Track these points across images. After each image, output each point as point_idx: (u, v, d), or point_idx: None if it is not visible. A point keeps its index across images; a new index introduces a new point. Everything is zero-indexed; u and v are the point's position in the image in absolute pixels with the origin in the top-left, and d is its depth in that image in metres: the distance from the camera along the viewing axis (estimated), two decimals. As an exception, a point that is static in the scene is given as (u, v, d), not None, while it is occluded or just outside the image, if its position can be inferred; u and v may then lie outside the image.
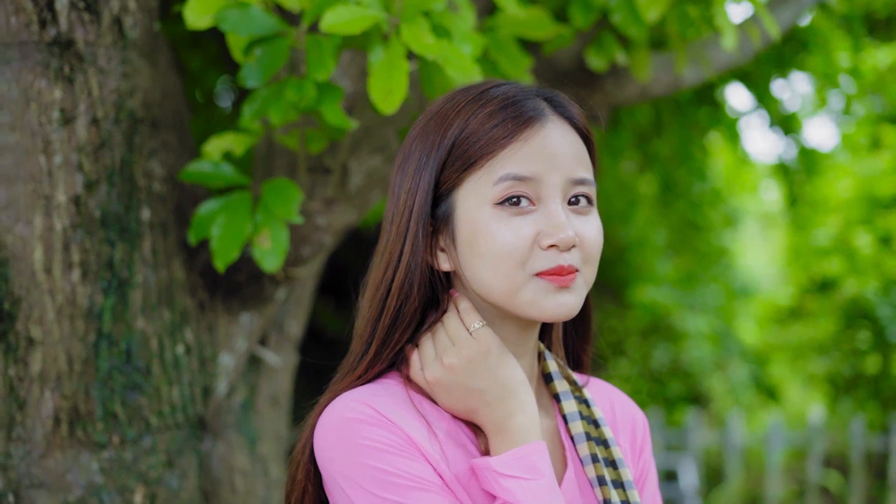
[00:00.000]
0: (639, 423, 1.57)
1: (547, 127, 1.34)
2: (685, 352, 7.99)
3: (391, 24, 1.80)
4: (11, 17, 1.82)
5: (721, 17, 2.24)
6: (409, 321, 1.38)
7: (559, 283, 1.31)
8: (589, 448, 1.44)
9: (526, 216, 1.32)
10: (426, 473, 1.28)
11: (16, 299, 1.86)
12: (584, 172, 1.36)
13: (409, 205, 1.37)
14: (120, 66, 1.91)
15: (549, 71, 2.49)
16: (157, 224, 1.99)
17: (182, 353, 2.02)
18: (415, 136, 1.41)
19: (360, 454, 1.28)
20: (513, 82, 1.42)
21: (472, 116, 1.35)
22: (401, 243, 1.38)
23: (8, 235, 1.86)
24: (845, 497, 7.59)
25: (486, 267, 1.33)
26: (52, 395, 1.88)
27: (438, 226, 1.38)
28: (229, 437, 2.23)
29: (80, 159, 1.88)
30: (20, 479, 1.89)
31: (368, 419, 1.30)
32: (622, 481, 1.42)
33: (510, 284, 1.32)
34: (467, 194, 1.35)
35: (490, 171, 1.32)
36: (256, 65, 1.83)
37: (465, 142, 1.34)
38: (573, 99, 1.44)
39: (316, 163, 2.15)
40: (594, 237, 1.36)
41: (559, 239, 1.29)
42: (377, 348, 1.39)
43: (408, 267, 1.37)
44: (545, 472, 1.29)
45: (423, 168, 1.37)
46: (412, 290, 1.37)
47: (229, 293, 2.15)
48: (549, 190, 1.32)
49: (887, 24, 6.57)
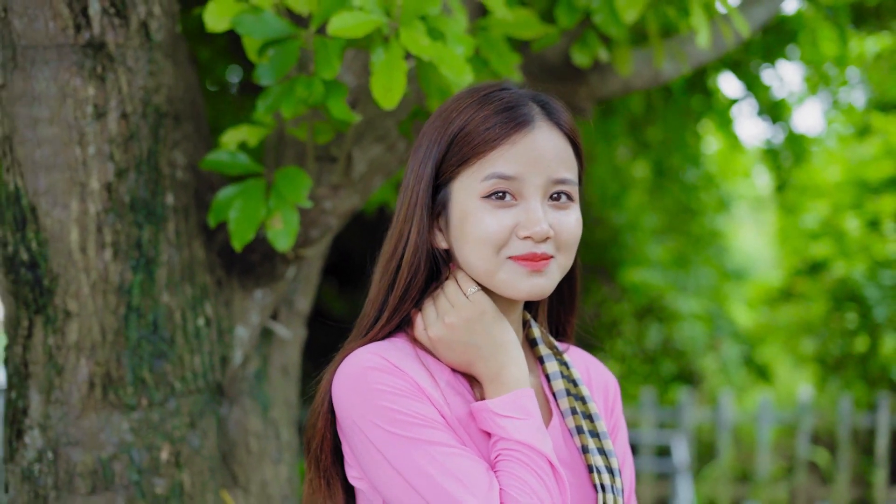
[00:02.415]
0: (611, 386, 1.77)
1: (535, 131, 1.52)
2: (678, 333, 8.08)
3: (391, 27, 1.99)
4: (49, 23, 2.01)
5: (696, 17, 2.43)
6: (415, 293, 1.58)
7: (532, 268, 1.50)
8: (569, 402, 1.64)
9: (508, 209, 1.50)
10: (431, 413, 1.47)
11: (54, 276, 2.07)
12: (566, 173, 1.53)
13: (415, 190, 1.57)
14: (146, 65, 2.10)
15: (537, 67, 2.67)
16: (180, 208, 2.18)
17: (202, 325, 2.22)
18: (426, 128, 1.61)
19: (375, 397, 1.47)
20: (515, 88, 1.60)
21: (470, 118, 1.53)
22: (409, 224, 1.57)
23: (47, 219, 2.06)
24: (833, 472, 7.66)
25: (470, 249, 1.53)
26: (87, 362, 2.08)
27: (438, 210, 1.58)
28: (244, 403, 2.44)
29: (111, 150, 2.07)
30: (58, 438, 2.10)
31: (381, 367, 1.49)
32: (597, 431, 1.62)
33: (488, 265, 1.52)
34: (461, 186, 1.54)
35: (480, 169, 1.51)
36: (270, 64, 2.02)
37: (462, 140, 1.53)
38: (564, 105, 1.61)
39: (323, 152, 2.35)
40: (570, 229, 1.54)
41: (533, 231, 1.48)
42: (389, 314, 1.58)
43: (416, 245, 1.56)
44: (534, 413, 1.48)
45: (427, 159, 1.57)
46: (420, 265, 1.57)
47: (244, 271, 2.35)
48: (531, 188, 1.51)
49: (876, 12, 6.67)
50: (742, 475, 7.89)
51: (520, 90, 1.60)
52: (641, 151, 6.89)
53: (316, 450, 1.63)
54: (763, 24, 2.90)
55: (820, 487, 7.65)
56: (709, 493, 7.46)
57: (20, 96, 2.05)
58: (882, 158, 7.94)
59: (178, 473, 2.14)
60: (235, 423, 2.41)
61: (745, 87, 6.23)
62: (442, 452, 1.43)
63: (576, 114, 2.81)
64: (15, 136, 2.06)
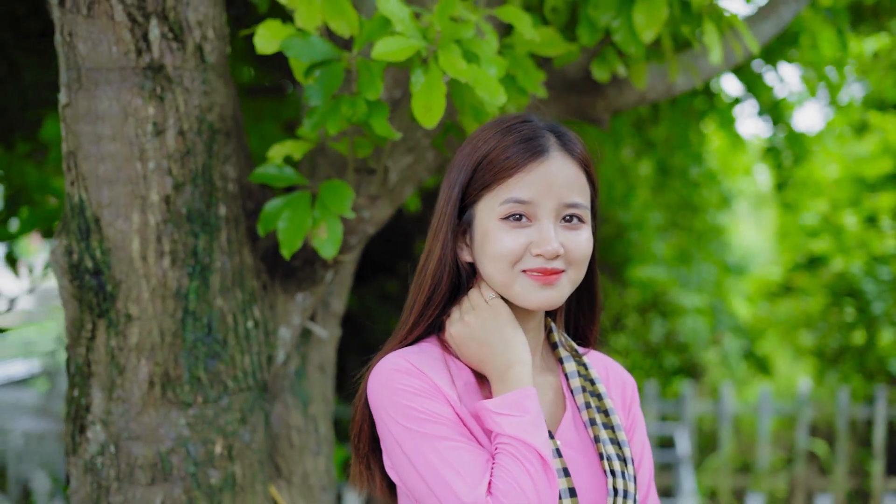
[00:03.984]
0: (628, 384, 1.94)
1: (549, 161, 1.69)
2: (681, 327, 8.20)
3: (429, 51, 2.14)
4: (113, 47, 2.16)
5: (709, 35, 2.58)
6: (439, 300, 1.76)
7: (543, 282, 1.68)
8: (584, 398, 1.81)
9: (523, 229, 1.68)
10: (444, 410, 1.64)
11: (117, 282, 2.22)
12: (577, 198, 1.70)
13: (444, 210, 1.76)
14: (201, 85, 2.25)
15: (559, 81, 2.82)
16: (231, 218, 2.33)
17: (251, 327, 2.37)
18: (458, 154, 1.78)
19: (397, 396, 1.66)
20: (536, 120, 1.76)
21: (493, 148, 1.71)
22: (437, 240, 1.76)
23: (110, 229, 2.21)
24: (831, 463, 7.77)
25: (489, 264, 1.71)
26: (147, 362, 2.24)
27: (464, 228, 1.76)
28: (286, 399, 2.60)
29: (169, 165, 2.22)
30: (120, 433, 2.25)
31: (404, 370, 1.67)
32: (611, 424, 1.79)
33: (504, 278, 1.69)
34: (483, 208, 1.72)
35: (500, 193, 1.69)
36: (317, 86, 2.16)
37: (485, 168, 1.71)
38: (579, 137, 1.77)
39: (360, 164, 2.50)
40: (580, 247, 1.70)
41: (545, 250, 1.66)
42: (415, 319, 1.78)
43: (440, 258, 1.75)
44: (531, 410, 1.63)
45: (455, 183, 1.75)
46: (443, 276, 1.75)
47: (286, 276, 2.50)
48: (544, 211, 1.68)
49: (874, 11, 6.79)
50: (743, 466, 8.04)
51: (540, 122, 1.77)
52: (646, 151, 7.01)
53: (355, 439, 1.82)
54: (771, 38, 3.04)
55: (819, 478, 7.77)
56: (710, 483, 7.60)
57: (84, 115, 2.20)
58: (880, 156, 8.07)
59: (231, 466, 2.30)
60: (278, 418, 2.57)
61: (746, 88, 6.37)
62: (446, 446, 1.60)
63: (594, 124, 2.96)
64: (79, 152, 2.21)
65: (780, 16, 2.99)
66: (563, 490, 1.66)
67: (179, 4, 2.19)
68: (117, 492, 2.25)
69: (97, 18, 2.14)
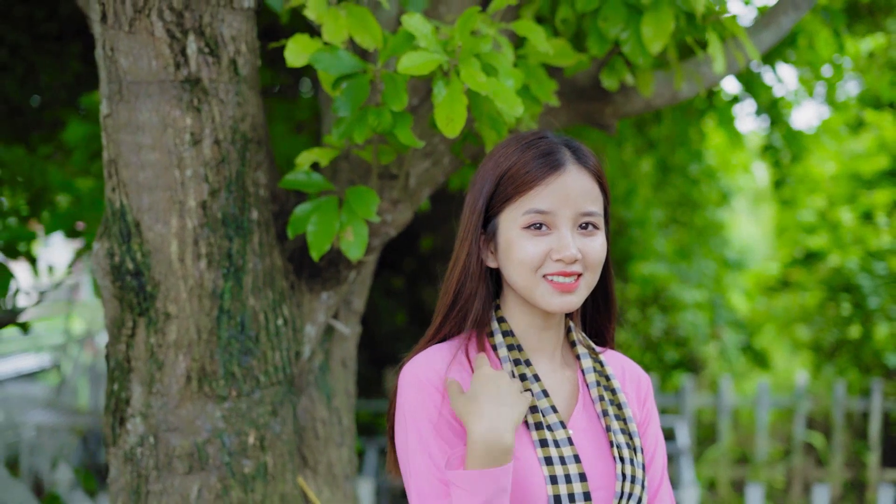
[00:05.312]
0: (643, 380, 2.07)
1: (566, 174, 1.83)
2: (681, 321, 8.28)
3: (451, 64, 2.27)
4: (153, 61, 2.29)
5: (713, 46, 2.71)
6: (463, 303, 1.90)
7: (562, 290, 1.81)
8: (598, 391, 1.94)
9: (543, 237, 1.82)
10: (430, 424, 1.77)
11: (156, 283, 2.35)
12: (591, 206, 1.84)
13: (470, 220, 1.90)
14: (235, 97, 2.38)
15: (569, 88, 2.95)
16: (262, 222, 2.47)
17: (281, 325, 2.51)
18: (481, 168, 1.92)
19: (405, 409, 1.81)
20: (552, 136, 1.90)
21: (514, 163, 1.85)
22: (462, 249, 1.90)
23: (150, 233, 2.34)
24: (828, 454, 7.88)
25: (513, 270, 1.85)
26: (185, 358, 2.37)
27: (490, 236, 1.90)
28: (311, 393, 2.73)
29: (205, 172, 2.35)
30: (158, 425, 2.39)
31: (417, 385, 1.81)
32: (623, 416, 1.92)
33: (527, 283, 1.83)
34: (506, 218, 1.85)
35: (521, 205, 1.83)
36: (345, 97, 2.29)
37: (507, 182, 1.85)
38: (591, 150, 1.91)
39: (383, 170, 2.64)
40: (596, 252, 1.84)
41: (564, 255, 1.79)
42: (441, 320, 1.92)
43: (464, 264, 1.89)
44: (485, 493, 1.70)
45: (480, 195, 1.89)
46: (466, 281, 1.89)
47: (312, 276, 2.64)
48: (562, 220, 1.82)
49: (870, 9, 6.90)
50: (741, 457, 8.14)
51: (555, 138, 1.91)
52: (646, 149, 7.12)
53: (389, 430, 1.96)
54: (770, 46, 3.17)
55: (816, 469, 7.87)
56: (710, 474, 7.69)
57: (125, 125, 2.33)
58: (876, 153, 8.18)
59: (263, 456, 2.44)
60: (304, 410, 2.71)
61: (744, 87, 6.50)
62: (429, 466, 1.75)
63: (602, 129, 3.09)
64: (120, 160, 2.34)
65: (780, 25, 3.12)
66: (574, 475, 1.78)
67: (215, 21, 2.32)
68: (156, 480, 2.38)
69: (138, 34, 2.27)
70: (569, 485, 1.77)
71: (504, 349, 1.89)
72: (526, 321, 1.91)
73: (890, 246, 7.97)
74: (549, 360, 1.93)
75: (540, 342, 1.92)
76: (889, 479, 7.68)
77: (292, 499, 2.53)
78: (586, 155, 1.89)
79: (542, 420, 1.82)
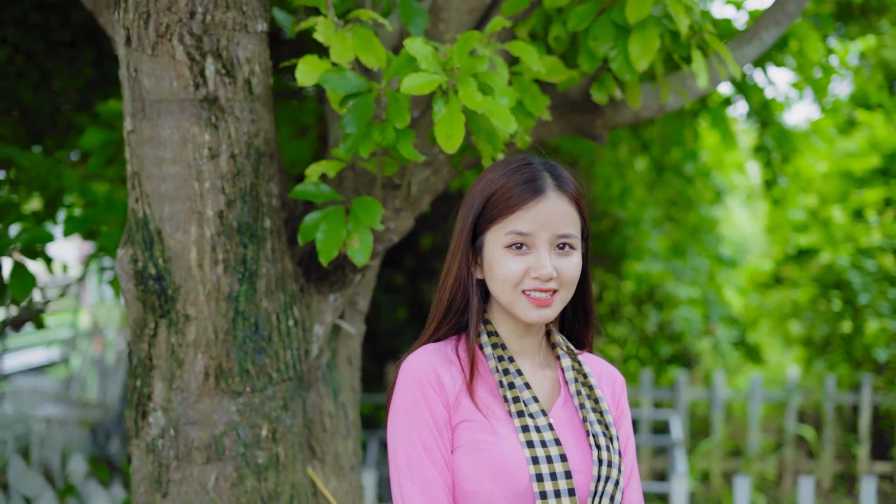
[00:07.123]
0: (618, 381, 2.26)
1: (546, 199, 2.01)
2: (675, 317, 8.38)
3: (450, 84, 2.45)
4: (174, 82, 2.47)
5: (697, 63, 2.89)
6: (455, 309, 2.11)
7: (538, 304, 2.01)
8: (576, 387, 2.13)
9: (523, 256, 2.01)
10: (436, 416, 1.97)
11: (176, 287, 2.54)
12: (569, 229, 2.03)
13: (460, 237, 2.10)
14: (249, 114, 2.56)
15: (561, 101, 3.13)
16: (275, 230, 2.65)
17: (292, 325, 2.69)
18: (472, 188, 2.11)
19: (399, 402, 2.01)
20: (537, 162, 2.08)
21: (499, 187, 2.03)
22: (454, 261, 2.10)
23: (171, 240, 2.53)
24: (819, 447, 7.99)
25: (496, 284, 2.04)
26: (203, 356, 2.55)
27: (477, 251, 2.09)
28: (319, 389, 2.92)
29: (222, 184, 2.53)
30: (178, 418, 2.57)
31: (413, 379, 2.00)
32: (600, 409, 2.11)
33: (508, 297, 2.03)
34: (491, 237, 2.05)
35: (504, 226, 2.02)
36: (352, 115, 2.46)
37: (492, 204, 2.04)
38: (572, 176, 2.09)
39: (387, 180, 2.82)
40: (570, 270, 2.03)
41: (540, 274, 1.99)
42: (436, 325, 2.13)
43: (455, 276, 2.09)
44: None
45: (469, 214, 2.09)
46: (457, 290, 2.10)
47: (320, 279, 2.82)
48: (540, 241, 2.01)
49: (863, 10, 7.02)
50: (734, 450, 8.28)
51: (540, 164, 2.09)
52: (641, 149, 7.26)
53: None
54: (753, 59, 3.34)
55: (807, 461, 7.98)
56: (703, 466, 7.80)
57: (147, 140, 2.51)
58: (867, 152, 8.28)
59: (275, 447, 2.62)
60: (312, 405, 2.89)
61: (736, 90, 6.65)
62: (418, 457, 1.95)
63: (593, 139, 3.28)
64: (143, 173, 2.53)
65: (762, 40, 3.29)
66: (555, 456, 1.97)
67: (231, 44, 2.50)
68: (176, 470, 2.57)
69: (160, 57, 2.45)
70: (550, 465, 1.96)
71: (489, 348, 2.09)
72: (509, 328, 2.11)
73: (880, 243, 8.05)
74: (531, 362, 2.12)
75: (522, 346, 2.12)
76: (878, 471, 7.79)
77: (302, 487, 2.72)
78: (566, 182, 2.07)
79: (524, 409, 2.01)
